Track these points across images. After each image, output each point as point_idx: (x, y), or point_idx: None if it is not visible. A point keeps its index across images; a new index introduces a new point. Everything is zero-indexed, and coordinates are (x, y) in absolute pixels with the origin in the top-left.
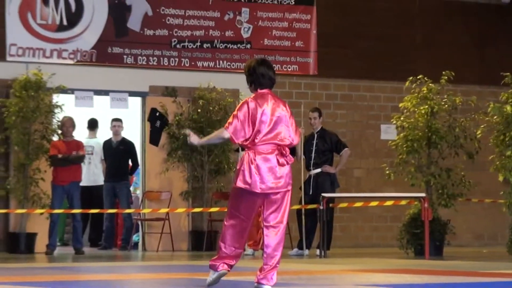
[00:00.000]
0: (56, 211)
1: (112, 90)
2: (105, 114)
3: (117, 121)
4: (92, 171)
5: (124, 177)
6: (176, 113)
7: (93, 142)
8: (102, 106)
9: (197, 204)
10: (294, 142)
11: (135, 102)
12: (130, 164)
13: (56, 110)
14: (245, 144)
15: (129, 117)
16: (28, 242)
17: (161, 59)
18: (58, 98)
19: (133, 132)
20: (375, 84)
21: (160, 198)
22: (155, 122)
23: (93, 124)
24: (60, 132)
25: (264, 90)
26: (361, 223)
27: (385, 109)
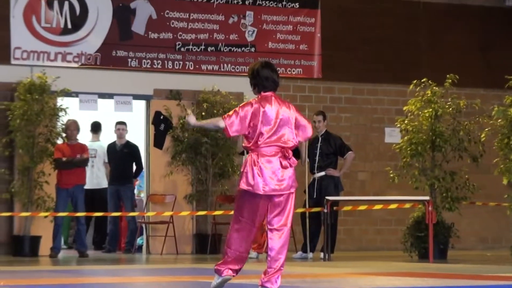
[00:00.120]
0: (60, 214)
1: (117, 94)
2: (110, 117)
3: (122, 124)
4: (95, 174)
5: (128, 180)
6: (181, 116)
7: (96, 145)
8: (107, 109)
9: (201, 207)
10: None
11: (140, 105)
12: (135, 167)
13: (61, 113)
14: (249, 147)
15: (134, 120)
16: (32, 245)
17: (166, 62)
18: (63, 101)
19: (138, 135)
20: (379, 88)
21: (164, 201)
22: (159, 125)
23: (96, 127)
24: (65, 135)
25: (268, 93)
26: (365, 226)
27: (389, 112)
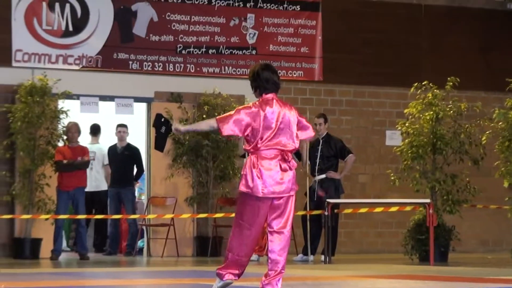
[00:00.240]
0: (61, 217)
1: (118, 96)
2: (111, 120)
3: (122, 127)
4: (94, 177)
5: (129, 183)
6: (181, 119)
7: (95, 148)
8: (108, 112)
9: (202, 210)
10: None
11: (140, 108)
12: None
13: (62, 116)
14: (248, 149)
15: (134, 123)
16: (33, 248)
17: (167, 65)
18: (64, 104)
19: (138, 138)
20: (380, 90)
21: (165, 204)
22: (160, 128)
23: (95, 130)
24: (66, 138)
25: (269, 95)
26: (366, 229)
27: (390, 115)
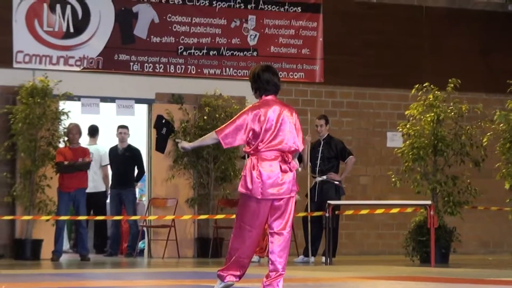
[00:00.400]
0: (62, 218)
1: (119, 97)
2: (111, 121)
3: (123, 128)
4: (92, 178)
5: (130, 184)
6: (182, 120)
7: (93, 149)
8: (108, 113)
9: (203, 211)
10: (300, 149)
11: (141, 109)
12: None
13: (63, 117)
14: (249, 151)
15: (135, 124)
16: (34, 249)
17: (168, 66)
18: (65, 105)
19: (139, 139)
20: (381, 92)
21: (166, 205)
22: (161, 129)
23: (93, 131)
24: (66, 139)
25: (269, 97)
26: (367, 231)
27: (391, 117)
